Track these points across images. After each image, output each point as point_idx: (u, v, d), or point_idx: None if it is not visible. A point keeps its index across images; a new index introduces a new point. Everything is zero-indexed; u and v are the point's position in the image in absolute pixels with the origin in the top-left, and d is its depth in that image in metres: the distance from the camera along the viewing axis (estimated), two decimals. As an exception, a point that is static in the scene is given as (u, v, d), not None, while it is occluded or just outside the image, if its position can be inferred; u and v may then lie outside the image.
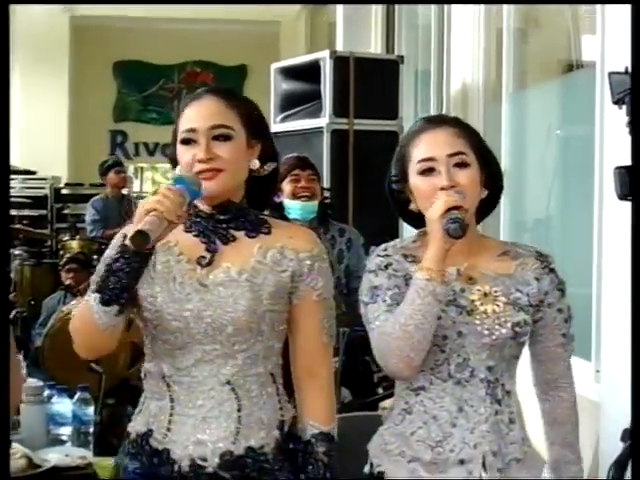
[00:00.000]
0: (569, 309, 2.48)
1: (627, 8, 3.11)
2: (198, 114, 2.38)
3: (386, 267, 2.38)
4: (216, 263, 2.36)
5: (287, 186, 4.60)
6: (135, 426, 2.41)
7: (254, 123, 2.44)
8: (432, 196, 2.31)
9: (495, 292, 2.38)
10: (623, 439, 2.75)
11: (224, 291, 2.32)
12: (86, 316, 2.31)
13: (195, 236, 2.40)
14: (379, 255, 2.41)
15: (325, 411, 2.44)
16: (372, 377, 4.52)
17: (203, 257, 2.37)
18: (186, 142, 2.36)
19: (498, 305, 2.36)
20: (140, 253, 2.21)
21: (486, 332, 2.34)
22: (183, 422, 2.33)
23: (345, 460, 3.14)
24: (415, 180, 2.38)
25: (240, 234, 2.41)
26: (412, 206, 2.43)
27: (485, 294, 2.37)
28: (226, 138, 2.36)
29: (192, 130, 2.35)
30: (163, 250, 2.35)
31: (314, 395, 2.45)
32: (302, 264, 2.39)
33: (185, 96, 2.63)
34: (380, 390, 4.45)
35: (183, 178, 2.30)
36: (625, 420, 2.97)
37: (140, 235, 2.16)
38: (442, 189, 2.31)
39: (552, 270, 2.46)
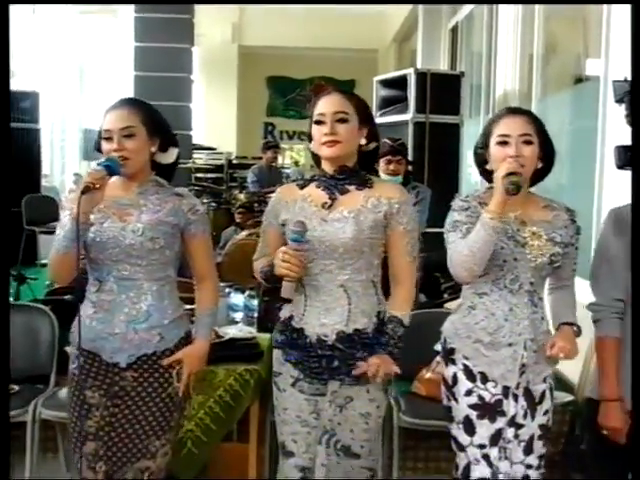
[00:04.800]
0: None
1: (624, 36, 3.02)
2: (326, 103, 2.40)
3: (466, 209, 2.37)
4: (334, 207, 2.39)
5: (382, 164, 4.61)
6: (283, 313, 2.47)
7: (364, 113, 2.44)
8: (503, 160, 2.30)
9: (540, 232, 2.36)
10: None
11: (337, 225, 2.36)
12: (258, 274, 2.47)
13: (322, 190, 2.42)
14: (462, 200, 2.40)
15: (399, 303, 2.44)
16: (440, 286, 4.52)
17: (325, 203, 2.40)
18: (318, 123, 2.38)
19: (541, 241, 2.35)
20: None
21: (533, 259, 2.34)
22: (312, 311, 2.38)
23: (422, 339, 3.16)
24: (494, 148, 2.36)
25: (352, 187, 2.42)
26: (488, 166, 2.41)
27: (533, 233, 2.35)
28: (343, 121, 2.37)
29: (322, 114, 2.38)
30: (301, 200, 2.42)
31: (398, 294, 2.46)
32: (392, 207, 2.40)
33: (319, 94, 2.68)
34: (445, 295, 4.45)
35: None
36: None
37: (285, 299, 2.31)
38: (510, 157, 2.29)
39: (574, 221, 2.44)
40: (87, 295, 2.42)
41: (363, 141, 2.44)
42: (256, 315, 3.73)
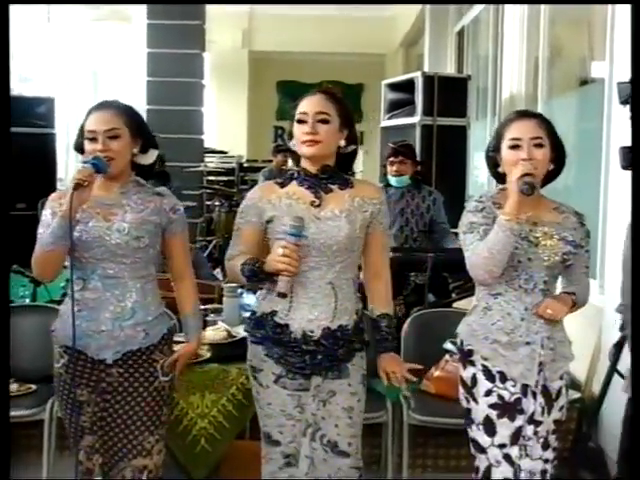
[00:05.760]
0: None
1: (629, 39, 3.00)
2: (309, 103, 2.40)
3: (481, 210, 2.36)
4: (323, 205, 2.40)
5: (388, 166, 4.67)
6: (260, 308, 2.45)
7: (345, 116, 2.43)
8: (515, 164, 2.30)
9: (552, 232, 2.36)
10: (621, 329, 2.68)
11: (332, 223, 2.37)
12: (235, 272, 2.42)
13: (306, 188, 2.42)
14: (476, 201, 2.40)
15: (385, 299, 2.51)
16: (448, 286, 4.48)
17: (314, 201, 2.40)
18: (299, 122, 2.38)
19: (553, 240, 2.35)
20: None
21: (546, 258, 2.34)
22: (300, 307, 2.38)
23: (431, 338, 3.15)
24: (505, 152, 2.36)
25: (335, 187, 2.44)
26: (500, 169, 2.40)
27: (545, 233, 2.36)
28: (325, 122, 2.37)
29: (304, 113, 2.38)
30: (286, 197, 2.41)
31: (379, 289, 2.51)
32: (375, 207, 2.44)
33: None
34: (454, 295, 4.42)
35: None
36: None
37: (282, 294, 2.29)
38: (523, 160, 2.29)
39: (584, 224, 2.45)
40: (68, 293, 2.41)
41: (342, 143, 2.44)
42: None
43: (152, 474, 2.43)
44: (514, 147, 2.33)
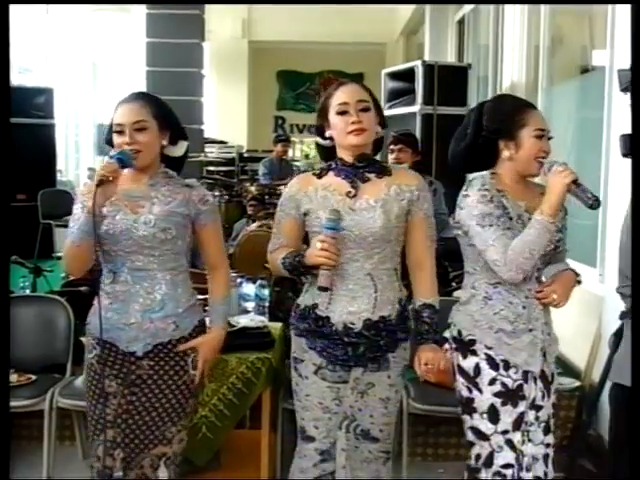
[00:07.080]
0: None
1: (628, 27, 2.99)
2: (348, 93, 2.37)
3: (491, 199, 2.30)
4: (359, 195, 2.37)
5: (388, 155, 4.66)
6: (304, 300, 2.45)
7: (376, 100, 2.42)
8: (539, 154, 2.30)
9: None
10: (621, 317, 2.67)
11: (366, 214, 2.34)
12: (277, 265, 2.42)
13: (343, 178, 2.39)
14: (481, 189, 2.31)
15: (428, 289, 2.46)
16: (448, 275, 4.49)
17: (349, 192, 2.37)
18: (341, 113, 2.34)
19: None
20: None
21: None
22: (339, 299, 2.36)
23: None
24: (530, 141, 2.32)
25: (372, 176, 2.40)
26: (505, 153, 2.35)
27: None
28: (367, 110, 2.36)
29: (345, 103, 2.34)
30: (322, 189, 2.39)
31: (421, 279, 2.46)
32: (413, 194, 2.40)
33: (330, 87, 2.61)
34: (454, 284, 4.43)
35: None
36: (621, 307, 2.90)
37: (323, 288, 2.29)
38: (544, 151, 2.30)
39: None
40: (101, 287, 2.41)
41: (378, 129, 2.42)
42: (267, 304, 3.73)
43: (169, 461, 2.43)
44: (540, 137, 2.32)
